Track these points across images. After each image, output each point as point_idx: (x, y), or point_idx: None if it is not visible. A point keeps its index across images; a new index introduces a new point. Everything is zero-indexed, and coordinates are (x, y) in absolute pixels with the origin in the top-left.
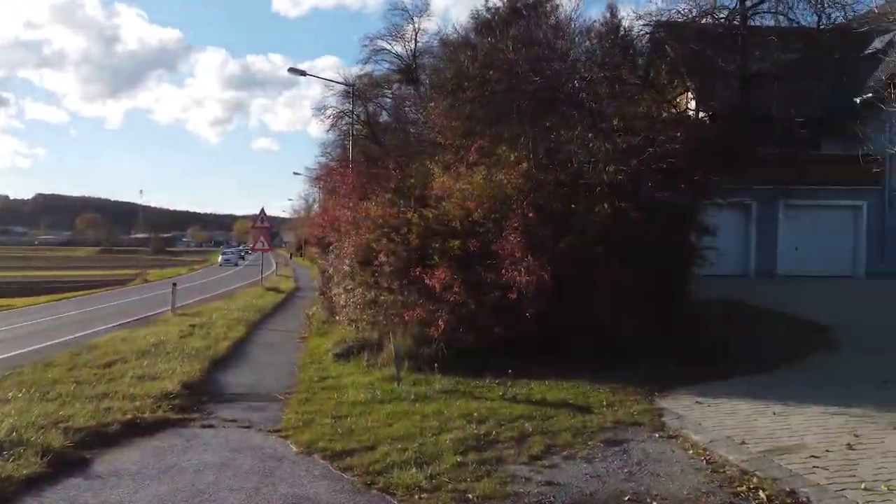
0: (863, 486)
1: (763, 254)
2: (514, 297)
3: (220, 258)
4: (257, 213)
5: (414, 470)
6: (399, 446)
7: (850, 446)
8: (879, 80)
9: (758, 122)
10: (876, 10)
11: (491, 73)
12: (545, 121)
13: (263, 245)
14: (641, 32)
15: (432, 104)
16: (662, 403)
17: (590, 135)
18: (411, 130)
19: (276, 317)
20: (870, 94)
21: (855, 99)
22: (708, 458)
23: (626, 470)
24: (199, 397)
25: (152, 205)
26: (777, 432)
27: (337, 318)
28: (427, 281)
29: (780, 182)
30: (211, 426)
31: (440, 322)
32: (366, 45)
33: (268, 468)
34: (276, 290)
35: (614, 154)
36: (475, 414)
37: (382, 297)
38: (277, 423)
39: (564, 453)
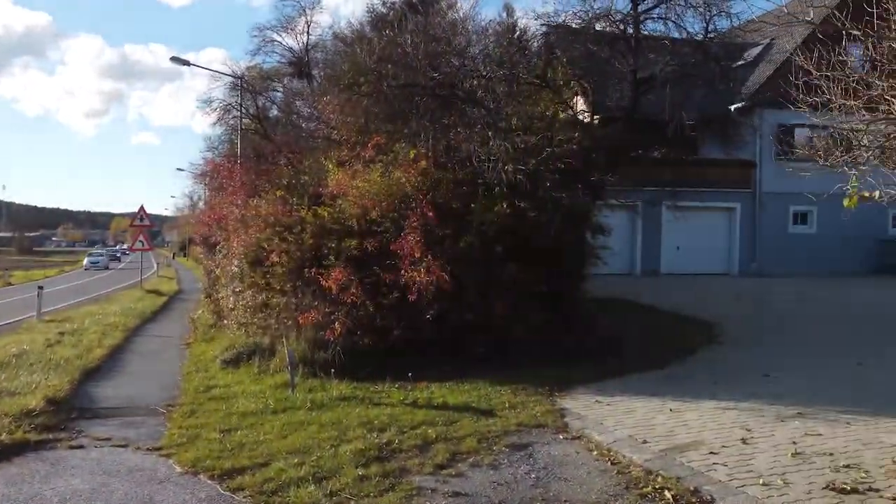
0: (761, 481)
1: (647, 253)
2: (413, 298)
3: (85, 261)
4: (136, 210)
5: (312, 487)
6: (295, 461)
7: (744, 441)
8: (752, 88)
9: (648, 124)
10: (757, 19)
11: (389, 67)
12: (444, 118)
13: (143, 245)
14: (538, 33)
15: (326, 99)
16: (563, 403)
17: (489, 133)
18: (304, 126)
19: (157, 321)
20: (743, 102)
21: (730, 106)
22: (612, 458)
23: (533, 475)
24: (67, 414)
25: (17, 201)
26: (675, 429)
27: (225, 322)
28: (323, 282)
29: (663, 184)
30: (80, 447)
31: (337, 325)
32: (255, 36)
33: (146, 493)
34: (157, 292)
35: (513, 153)
36: (376, 422)
37: (274, 300)
38: (158, 440)
39: (470, 460)
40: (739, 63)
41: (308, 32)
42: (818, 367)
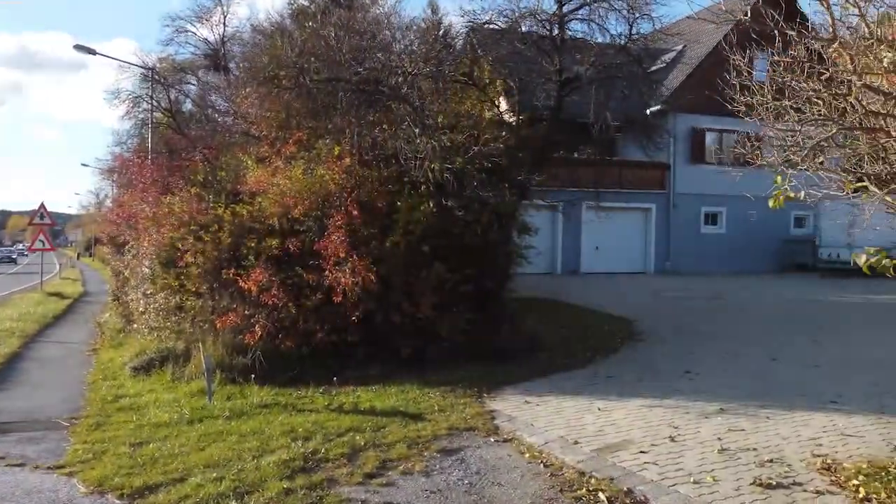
0: (692, 479)
1: (568, 253)
2: (338, 300)
3: None
4: (36, 208)
5: (233, 503)
6: (214, 475)
7: (672, 438)
8: (665, 93)
9: (572, 125)
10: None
11: (312, 60)
12: (369, 114)
13: (43, 244)
14: (463, 31)
15: (245, 92)
16: (493, 405)
17: (416, 131)
18: (220, 120)
19: (59, 326)
20: (658, 106)
21: (647, 110)
22: (545, 461)
23: (466, 481)
24: None
25: None
26: (605, 429)
27: (134, 326)
28: (242, 283)
29: (583, 184)
30: None
31: (257, 328)
32: (167, 26)
33: None
34: (59, 295)
35: (440, 152)
36: (300, 429)
37: (189, 302)
38: (60, 457)
39: (401, 468)
40: (655, 68)
41: (224, 24)
42: (734, 363)
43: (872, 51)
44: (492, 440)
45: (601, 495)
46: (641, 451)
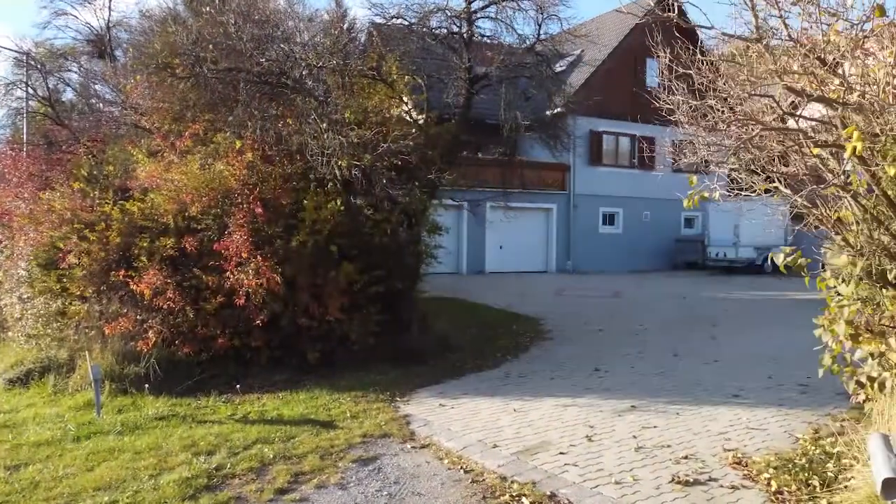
0: (613, 479)
1: (473, 253)
2: (241, 302)
3: None
4: None
5: None
6: (106, 498)
7: (589, 438)
8: (567, 94)
9: (480, 125)
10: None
11: (210, 48)
12: (273, 108)
13: None
14: (369, 24)
15: (135, 81)
16: (407, 409)
17: (323, 126)
18: (106, 111)
19: None
20: (558, 108)
21: (551, 111)
22: (465, 466)
23: (385, 492)
24: None
25: None
26: (522, 430)
27: (9, 334)
28: (133, 286)
29: (488, 184)
30: None
31: (151, 334)
32: (45, 7)
33: None
34: None
35: (347, 148)
36: (202, 443)
37: (73, 307)
38: None
39: (315, 481)
40: (556, 70)
41: (110, 7)
42: (639, 360)
43: (792, 53)
44: (408, 447)
45: (525, 501)
46: (561, 453)
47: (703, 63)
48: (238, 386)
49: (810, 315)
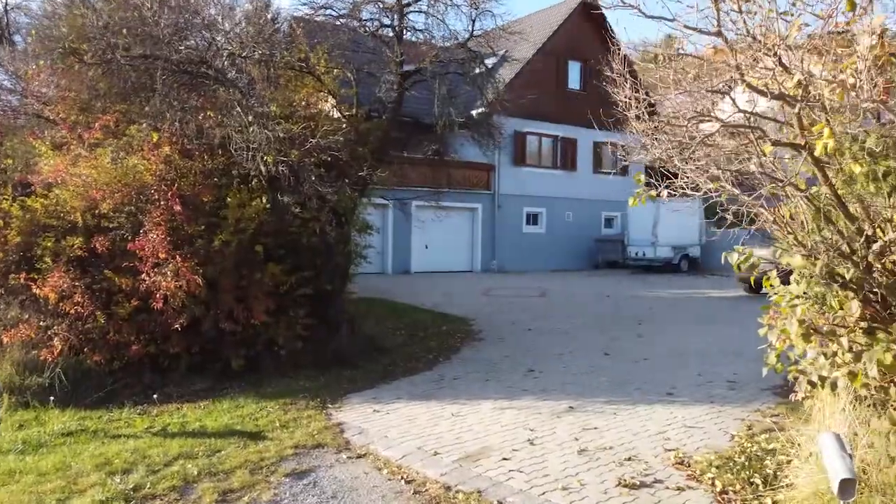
0: (559, 485)
1: (399, 252)
2: (159, 306)
3: None
4: None
5: None
6: None
7: (531, 442)
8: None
9: (410, 123)
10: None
11: (124, 32)
12: (193, 98)
13: None
14: (297, 14)
15: (36, 67)
16: (340, 416)
17: (249, 118)
18: (3, 99)
19: None
20: (489, 106)
21: (480, 109)
22: (406, 476)
23: None
24: None
25: None
26: (462, 436)
27: None
28: (36, 289)
29: (415, 183)
30: None
31: (56, 342)
32: None
33: None
34: None
35: (274, 143)
36: (117, 461)
37: None
38: None
39: (246, 499)
40: (479, 70)
41: None
42: (571, 359)
43: (752, 51)
44: (344, 457)
45: None
46: (504, 459)
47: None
48: (155, 396)
49: (729, 312)
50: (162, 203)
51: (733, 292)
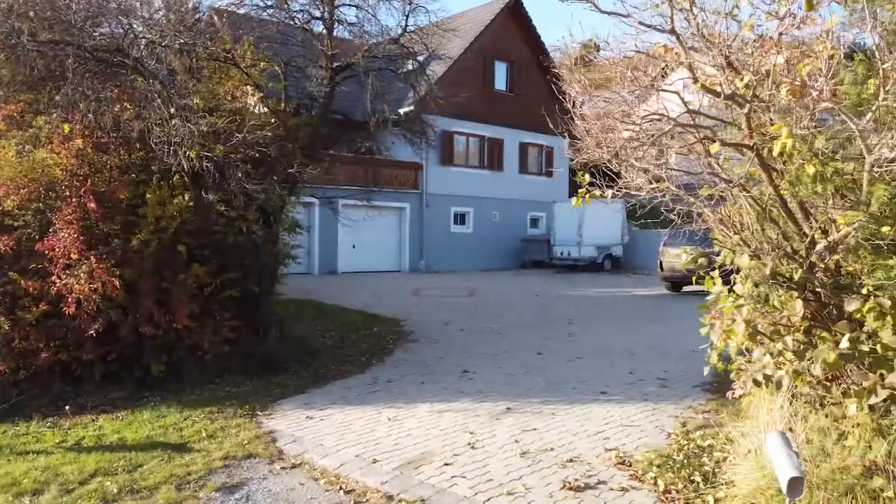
0: (504, 490)
1: (326, 252)
2: (71, 311)
3: None
4: None
5: None
6: None
7: (472, 446)
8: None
9: (342, 119)
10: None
11: (31, 15)
12: (109, 89)
13: None
14: (210, 8)
15: None
16: (271, 424)
17: (171, 110)
18: None
19: None
20: (413, 106)
21: (410, 107)
22: (344, 486)
23: None
24: None
25: None
26: (401, 441)
27: None
28: None
29: (342, 181)
30: None
31: None
32: None
33: None
34: None
35: (197, 137)
36: (26, 481)
37: None
38: None
39: None
40: (409, 68)
41: None
42: (506, 360)
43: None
44: (278, 467)
45: None
46: (446, 464)
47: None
48: (67, 407)
49: (653, 310)
50: (74, 200)
51: (656, 290)
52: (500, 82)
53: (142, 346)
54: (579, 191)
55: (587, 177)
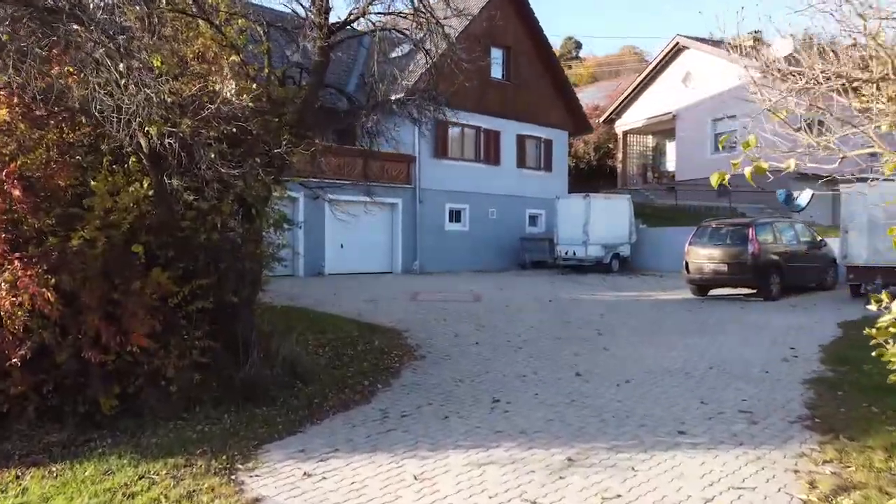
0: None
1: (312, 252)
2: None
3: None
4: None
5: None
6: None
7: None
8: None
9: (338, 90)
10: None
11: None
12: (44, 46)
13: None
14: None
15: None
16: (257, 486)
17: (122, 66)
18: None
19: None
20: (402, 95)
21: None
22: None
23: None
24: None
25: None
26: None
27: None
28: None
29: (326, 174)
30: None
31: None
32: None
33: None
34: None
35: (158, 108)
36: None
37: None
38: None
39: None
40: (398, 54)
41: None
42: (541, 384)
43: None
44: None
45: None
46: None
47: None
48: None
49: (688, 318)
50: None
51: (679, 294)
52: (497, 70)
53: (87, 375)
54: (732, 161)
55: (752, 138)
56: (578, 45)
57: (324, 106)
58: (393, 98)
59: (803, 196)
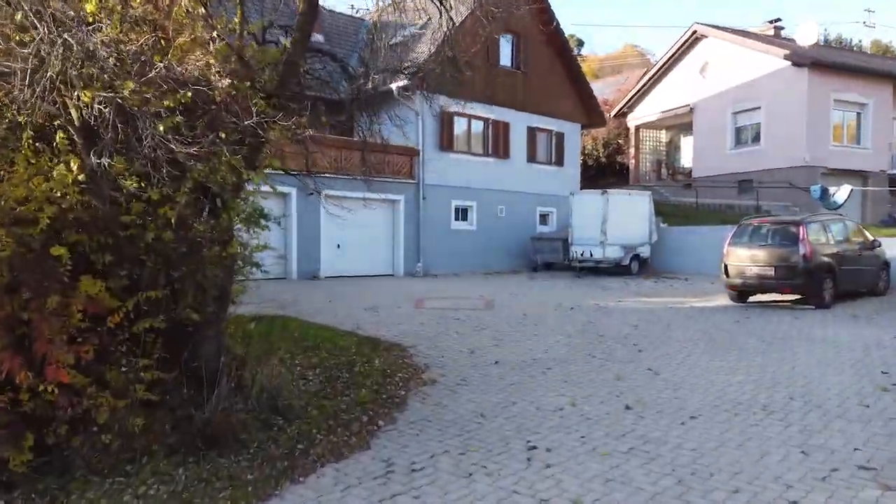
0: None
1: (305, 253)
2: None
3: None
4: None
5: None
6: None
7: None
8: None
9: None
10: None
11: None
12: None
13: None
14: None
15: None
16: None
17: (45, 20)
18: None
19: None
20: (404, 81)
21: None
22: None
23: None
24: None
25: None
26: None
27: None
28: None
29: (319, 168)
30: None
31: None
32: None
33: None
34: None
35: (94, 69)
36: None
37: None
38: None
39: None
40: (398, 39)
41: None
42: (582, 418)
43: None
44: None
45: None
46: None
47: None
48: None
49: (736, 330)
50: None
51: (714, 301)
52: (506, 58)
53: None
54: None
55: None
56: (581, 43)
57: (314, 76)
58: (399, 67)
59: (841, 192)
